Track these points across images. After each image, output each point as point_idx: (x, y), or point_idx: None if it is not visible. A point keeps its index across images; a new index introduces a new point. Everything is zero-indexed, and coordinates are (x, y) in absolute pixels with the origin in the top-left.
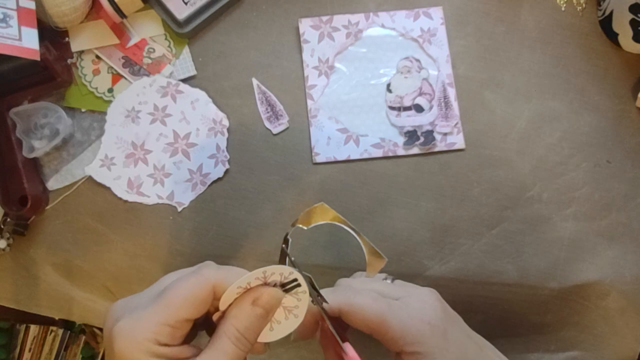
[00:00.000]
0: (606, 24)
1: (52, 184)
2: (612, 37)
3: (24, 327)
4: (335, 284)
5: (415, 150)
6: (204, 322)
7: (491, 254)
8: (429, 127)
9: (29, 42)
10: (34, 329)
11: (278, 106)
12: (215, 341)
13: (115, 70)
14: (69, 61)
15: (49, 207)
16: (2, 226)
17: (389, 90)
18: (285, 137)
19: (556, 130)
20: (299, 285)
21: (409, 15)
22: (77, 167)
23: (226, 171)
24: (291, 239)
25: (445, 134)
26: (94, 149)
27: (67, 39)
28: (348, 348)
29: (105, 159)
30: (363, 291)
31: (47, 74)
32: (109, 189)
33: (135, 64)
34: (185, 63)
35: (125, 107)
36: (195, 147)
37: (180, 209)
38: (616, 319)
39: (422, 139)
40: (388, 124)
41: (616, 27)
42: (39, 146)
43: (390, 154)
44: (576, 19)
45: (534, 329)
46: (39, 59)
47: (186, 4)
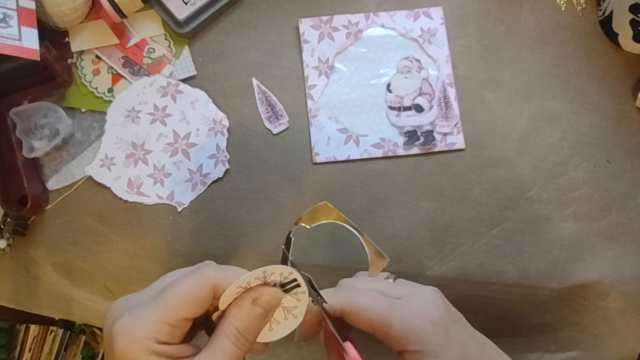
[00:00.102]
0: (606, 24)
1: (52, 184)
2: (612, 37)
3: (24, 327)
4: (337, 284)
5: (415, 150)
6: (203, 322)
7: (491, 254)
8: (429, 127)
9: (29, 42)
10: (34, 329)
11: (278, 106)
12: (215, 340)
13: (115, 70)
14: (69, 61)
15: (49, 207)
16: (2, 226)
17: (389, 90)
18: (285, 137)
19: (556, 130)
20: (298, 286)
21: (409, 15)
22: (77, 167)
23: (226, 171)
24: (294, 237)
25: (445, 134)
26: (94, 149)
27: (67, 39)
28: (349, 347)
29: (105, 159)
30: (364, 291)
31: (47, 74)
32: (109, 189)
33: (135, 64)
34: (185, 63)
35: (125, 107)
36: (195, 147)
37: (180, 209)
38: (616, 319)
39: (422, 139)
40: (388, 124)
41: (616, 27)
42: (39, 146)
43: (390, 154)
44: (576, 19)
45: (534, 329)
46: (39, 59)
47: (186, 4)
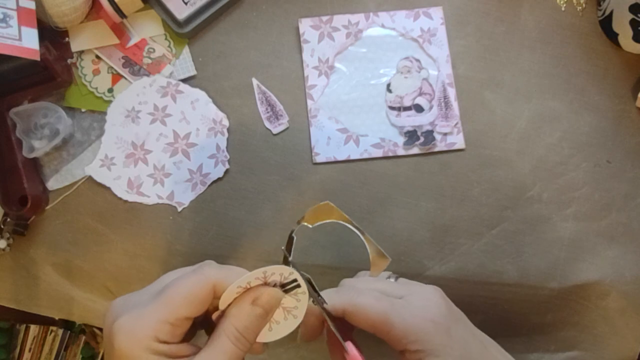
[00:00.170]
0: (606, 24)
1: (52, 184)
2: (612, 37)
3: (24, 327)
4: (339, 284)
5: (415, 150)
6: (202, 321)
7: (491, 254)
8: (429, 127)
9: (29, 42)
10: (34, 329)
11: (278, 106)
12: (215, 340)
13: (115, 70)
14: (69, 61)
15: (49, 207)
16: (2, 226)
17: (389, 90)
18: (285, 137)
19: (556, 130)
20: (298, 286)
21: (409, 15)
22: (77, 167)
23: (226, 171)
24: (296, 236)
25: (445, 134)
26: (94, 149)
27: (67, 39)
28: (349, 347)
29: (105, 159)
30: (366, 291)
31: (47, 74)
32: (109, 189)
33: (135, 64)
34: (185, 63)
35: (125, 107)
36: (195, 147)
37: (180, 209)
38: (616, 319)
39: (422, 139)
40: (388, 124)
41: (616, 27)
42: (39, 146)
43: (390, 154)
44: (576, 19)
45: (534, 329)
46: (39, 59)
47: (186, 4)
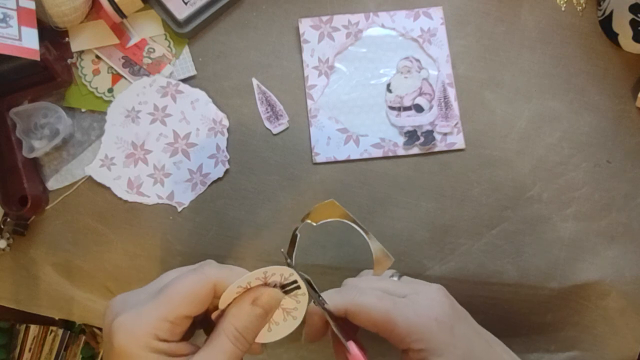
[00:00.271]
0: (606, 24)
1: (52, 184)
2: (612, 37)
3: (24, 327)
4: (342, 284)
5: (415, 150)
6: (202, 321)
7: (491, 254)
8: (429, 127)
9: (29, 42)
10: (34, 329)
11: (278, 106)
12: (214, 339)
13: (115, 70)
14: (69, 61)
15: (49, 207)
16: (2, 226)
17: (389, 90)
18: (285, 137)
19: (556, 130)
20: (298, 288)
21: (409, 15)
22: (77, 167)
23: (226, 171)
24: (299, 234)
25: (445, 134)
26: (94, 149)
27: (67, 39)
28: (351, 347)
29: (105, 159)
30: (368, 290)
31: (47, 74)
32: (109, 189)
33: (135, 64)
34: (185, 63)
35: (125, 107)
36: (195, 147)
37: (180, 209)
38: (616, 319)
39: (422, 139)
40: (388, 124)
41: (616, 27)
42: (39, 146)
43: (390, 154)
44: (576, 19)
45: (534, 329)
46: (39, 59)
47: (186, 4)
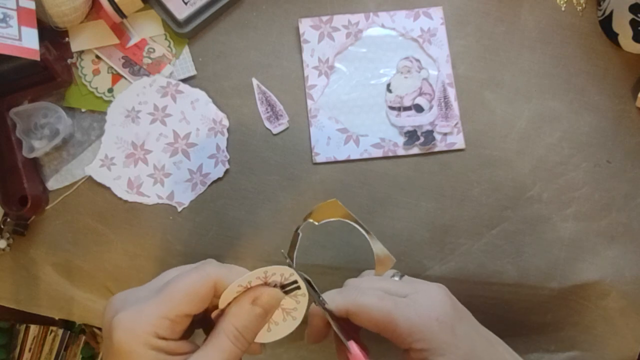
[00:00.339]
0: (606, 24)
1: (52, 184)
2: (612, 37)
3: (24, 327)
4: (343, 284)
5: (415, 150)
6: (201, 320)
7: (491, 254)
8: (429, 127)
9: (29, 42)
10: (34, 329)
11: (278, 106)
12: (213, 338)
13: (115, 70)
14: (69, 61)
15: (49, 207)
16: (2, 226)
17: (389, 90)
18: (285, 137)
19: (556, 130)
20: (298, 288)
21: (409, 15)
22: (77, 167)
23: (226, 171)
24: (301, 233)
25: (445, 134)
26: (94, 149)
27: (67, 39)
28: (352, 346)
29: (105, 159)
30: (369, 290)
31: (47, 74)
32: (109, 189)
33: (135, 64)
34: (185, 63)
35: (125, 107)
36: (195, 147)
37: (180, 209)
38: (616, 319)
39: (422, 139)
40: (388, 124)
41: (616, 27)
42: (39, 146)
43: (390, 154)
44: (576, 19)
45: (534, 329)
46: (39, 59)
47: (186, 4)
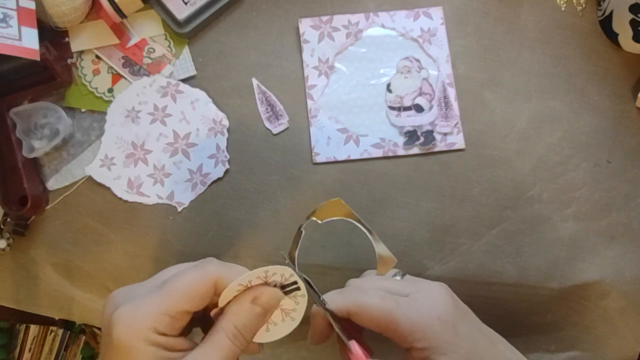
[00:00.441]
0: (606, 24)
1: (52, 184)
2: (612, 37)
3: (24, 327)
4: (345, 284)
5: (415, 150)
6: (201, 319)
7: (491, 254)
8: (429, 127)
9: (29, 42)
10: (34, 329)
11: (278, 106)
12: (212, 336)
13: (115, 70)
14: (69, 61)
15: (49, 207)
16: (2, 226)
17: (389, 90)
18: (285, 137)
19: (556, 130)
20: (298, 289)
21: (409, 15)
22: (77, 167)
23: (226, 171)
24: (304, 231)
25: (445, 134)
26: (94, 149)
27: (67, 39)
28: (353, 346)
29: (105, 159)
30: (370, 290)
31: (47, 74)
32: (109, 189)
33: (135, 64)
34: (185, 63)
35: (125, 107)
36: (195, 147)
37: (180, 209)
38: (616, 319)
39: (422, 139)
40: (388, 124)
41: (616, 27)
42: (39, 146)
43: (390, 154)
44: (576, 19)
45: (534, 329)
46: (39, 59)
47: (186, 4)
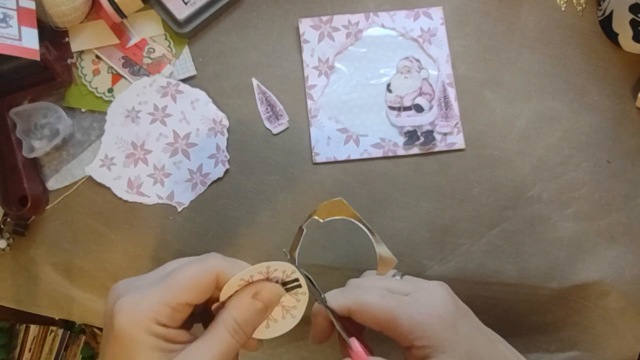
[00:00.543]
0: (606, 24)
1: (52, 184)
2: (612, 37)
3: (24, 327)
4: (346, 284)
5: (415, 150)
6: (202, 314)
7: (491, 254)
8: (429, 127)
9: (29, 42)
10: (34, 329)
11: (278, 106)
12: (212, 329)
13: (115, 70)
14: (69, 61)
15: (49, 207)
16: (2, 226)
17: (389, 90)
18: (285, 137)
19: (556, 130)
20: (299, 286)
21: (409, 15)
22: (77, 167)
23: (226, 171)
24: (306, 229)
25: (445, 134)
26: (94, 149)
27: (67, 39)
28: (353, 343)
29: (105, 159)
30: (371, 289)
31: (47, 74)
32: (109, 189)
33: (135, 64)
34: (185, 63)
35: (125, 107)
36: (195, 147)
37: (180, 209)
38: (616, 319)
39: (422, 139)
40: (388, 124)
41: (616, 27)
42: (39, 146)
43: (390, 154)
44: (576, 19)
45: (534, 329)
46: (39, 59)
47: (186, 4)
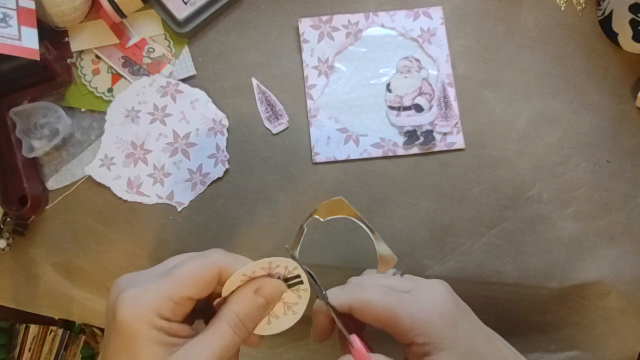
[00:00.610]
0: (606, 24)
1: (52, 184)
2: (612, 37)
3: (24, 327)
4: (347, 282)
5: (415, 150)
6: (203, 310)
7: (491, 254)
8: (429, 127)
9: (29, 42)
10: (34, 329)
11: (278, 106)
12: (214, 324)
13: (115, 70)
14: (69, 61)
15: (49, 207)
16: (2, 226)
17: (389, 90)
18: (285, 137)
19: (556, 130)
20: (301, 283)
21: (409, 15)
22: (77, 167)
23: (226, 171)
24: (307, 228)
25: (445, 134)
26: (94, 149)
27: (67, 39)
28: (354, 340)
29: (105, 159)
30: (372, 287)
31: (47, 74)
32: (109, 189)
33: (135, 64)
34: (185, 63)
35: (125, 107)
36: (195, 147)
37: (180, 209)
38: (616, 319)
39: (422, 139)
40: (388, 124)
41: (616, 27)
42: (39, 146)
43: (390, 154)
44: (576, 19)
45: (534, 329)
46: (39, 59)
47: (186, 4)
